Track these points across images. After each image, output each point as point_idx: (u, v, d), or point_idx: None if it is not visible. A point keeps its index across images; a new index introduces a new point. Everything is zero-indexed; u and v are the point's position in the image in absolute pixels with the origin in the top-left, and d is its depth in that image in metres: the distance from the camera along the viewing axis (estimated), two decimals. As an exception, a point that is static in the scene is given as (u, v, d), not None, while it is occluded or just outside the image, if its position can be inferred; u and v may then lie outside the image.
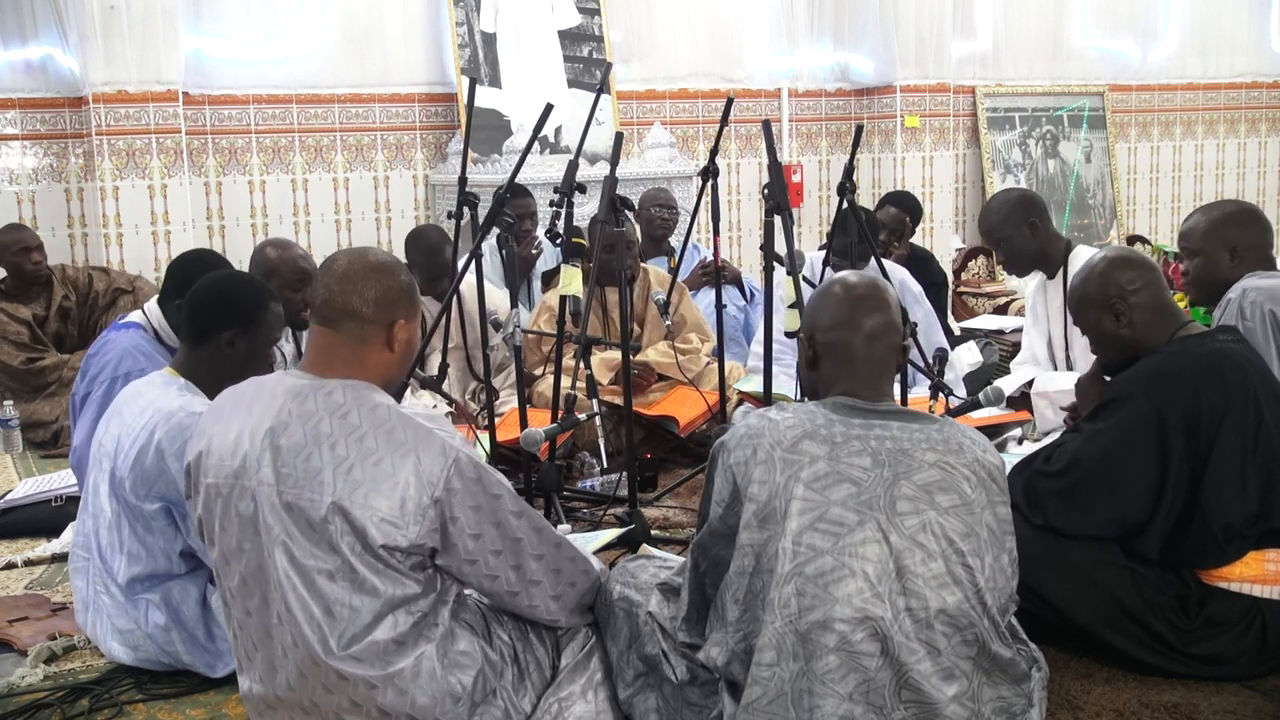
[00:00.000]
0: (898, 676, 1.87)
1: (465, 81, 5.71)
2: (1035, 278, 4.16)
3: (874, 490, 1.93)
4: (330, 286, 2.08)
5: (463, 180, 3.80)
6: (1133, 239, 8.48)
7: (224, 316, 2.72)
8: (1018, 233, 3.93)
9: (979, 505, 1.97)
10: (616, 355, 4.09)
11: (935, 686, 1.88)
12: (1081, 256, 3.92)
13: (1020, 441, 3.88)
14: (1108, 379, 2.81)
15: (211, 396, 2.70)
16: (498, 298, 4.53)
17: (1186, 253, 3.31)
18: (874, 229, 4.84)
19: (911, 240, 5.87)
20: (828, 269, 4.29)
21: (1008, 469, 3.37)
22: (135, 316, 3.46)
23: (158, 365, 3.15)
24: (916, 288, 4.77)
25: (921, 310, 4.66)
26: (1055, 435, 3.69)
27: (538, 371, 4.54)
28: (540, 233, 5.11)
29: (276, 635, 2.02)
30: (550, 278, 5.43)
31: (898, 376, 3.81)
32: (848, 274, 2.20)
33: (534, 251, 5.35)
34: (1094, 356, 3.88)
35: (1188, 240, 3.30)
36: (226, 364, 2.71)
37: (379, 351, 2.10)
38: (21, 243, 5.28)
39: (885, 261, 4.34)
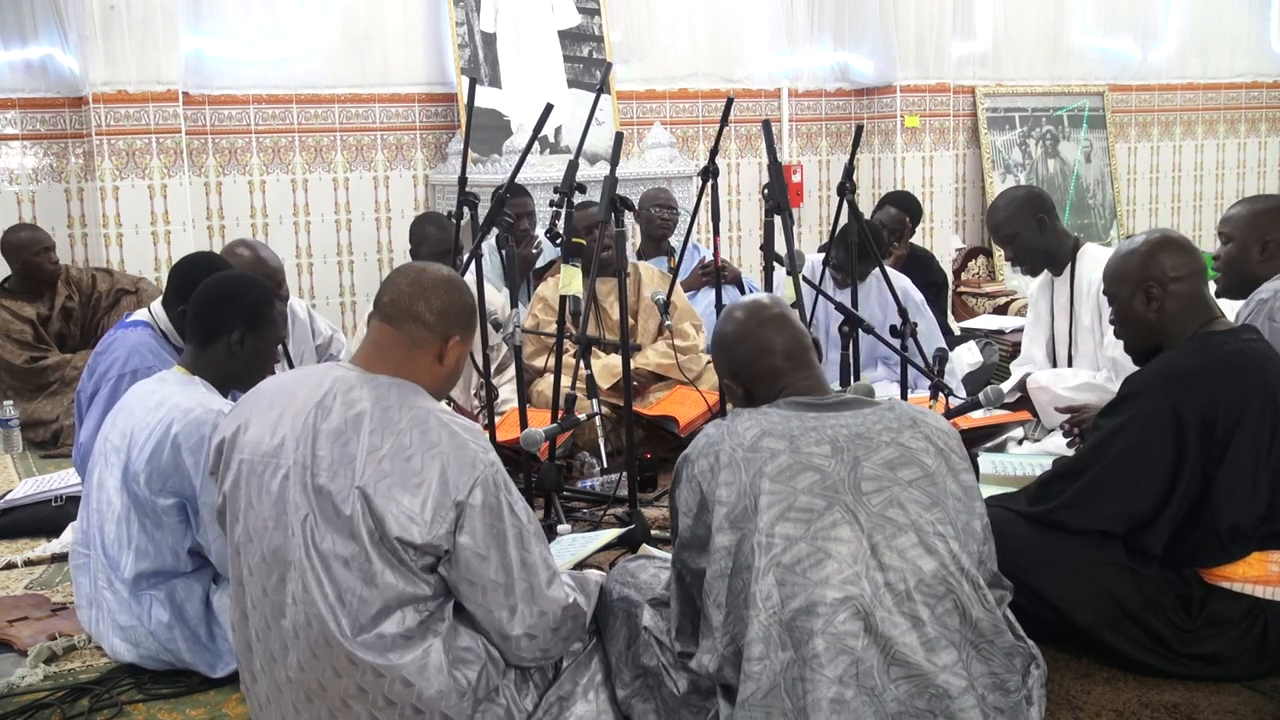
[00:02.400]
0: (884, 654, 1.88)
1: (465, 81, 5.71)
2: (1039, 275, 4.15)
3: (838, 474, 1.96)
4: (400, 287, 2.16)
5: (463, 180, 3.80)
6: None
7: (231, 316, 2.75)
8: (1026, 228, 3.93)
9: (940, 474, 2.01)
10: (617, 362, 4.09)
11: (924, 658, 1.88)
12: (1090, 254, 3.91)
13: (1020, 442, 3.87)
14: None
15: (222, 394, 2.73)
16: (497, 298, 4.53)
17: (1223, 238, 3.31)
18: (875, 235, 4.85)
19: (911, 240, 5.87)
20: (827, 270, 4.29)
21: (1005, 468, 3.40)
22: (142, 315, 3.47)
23: (165, 363, 3.17)
24: (919, 297, 4.79)
25: (924, 320, 4.67)
26: (1057, 433, 3.70)
27: (538, 363, 4.54)
28: (540, 232, 5.10)
29: (290, 615, 2.04)
30: (542, 273, 5.42)
31: (897, 377, 3.84)
32: (739, 303, 2.29)
33: (534, 251, 5.35)
34: (1094, 360, 3.90)
35: (1226, 226, 3.30)
36: (235, 364, 2.76)
37: (430, 361, 2.16)
38: (40, 243, 5.32)
39: (888, 269, 4.34)
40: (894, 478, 1.98)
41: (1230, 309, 2.99)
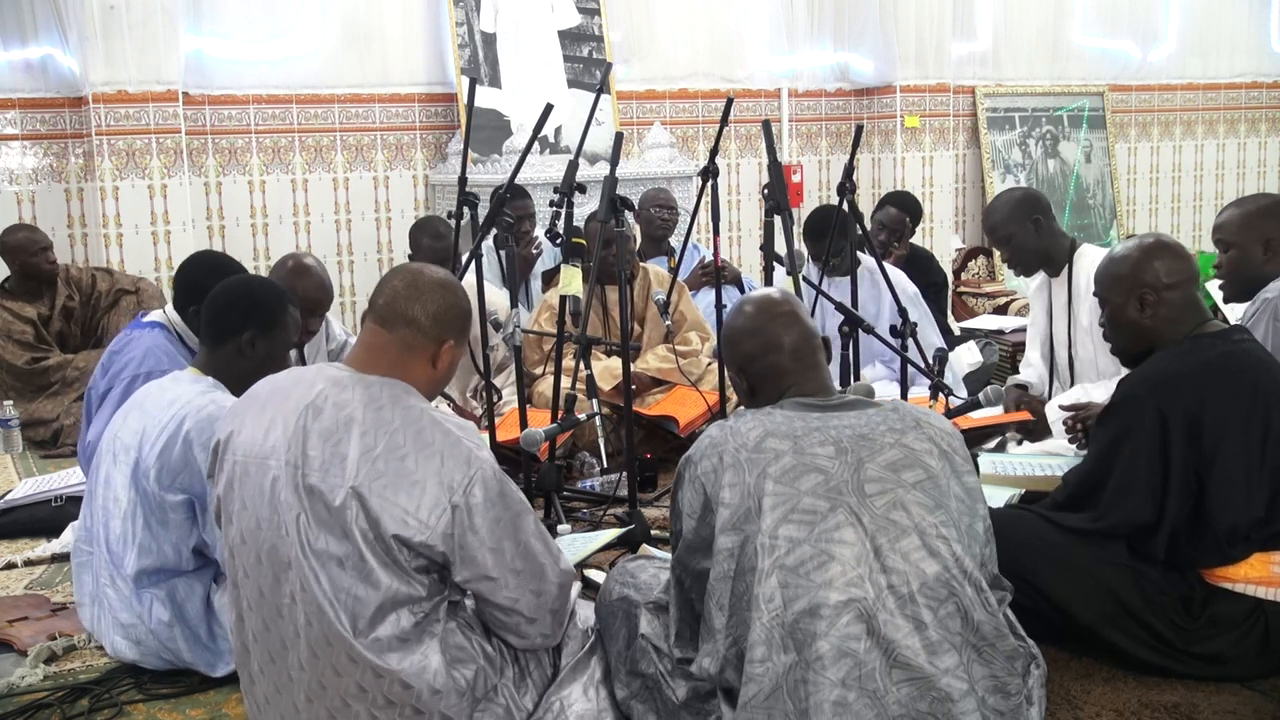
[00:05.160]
0: (887, 656, 1.88)
1: (465, 81, 5.72)
2: (1037, 277, 4.15)
3: (841, 476, 1.96)
4: (395, 290, 2.15)
5: (463, 180, 3.80)
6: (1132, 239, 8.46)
7: (244, 318, 2.76)
8: (1021, 229, 3.92)
9: (944, 476, 2.01)
10: (618, 365, 4.09)
11: (926, 660, 1.89)
12: (1088, 255, 3.91)
13: (1020, 441, 3.87)
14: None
15: (235, 394, 2.74)
16: (497, 298, 4.53)
17: (1221, 245, 3.29)
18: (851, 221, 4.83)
19: (911, 240, 5.88)
20: (821, 273, 4.29)
21: (1005, 468, 3.39)
22: (157, 316, 3.47)
23: (179, 365, 3.18)
24: (912, 289, 4.78)
25: (919, 312, 4.67)
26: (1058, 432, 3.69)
27: (538, 371, 4.54)
28: (540, 233, 5.11)
29: (289, 615, 2.04)
30: (551, 277, 5.43)
31: (896, 376, 3.83)
32: (751, 297, 2.28)
33: (534, 252, 5.36)
34: (1094, 362, 3.89)
35: (1222, 233, 3.28)
36: (246, 365, 2.77)
37: (423, 365, 2.16)
38: (38, 243, 5.35)
39: (870, 261, 4.33)
40: (897, 480, 1.98)
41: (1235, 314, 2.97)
